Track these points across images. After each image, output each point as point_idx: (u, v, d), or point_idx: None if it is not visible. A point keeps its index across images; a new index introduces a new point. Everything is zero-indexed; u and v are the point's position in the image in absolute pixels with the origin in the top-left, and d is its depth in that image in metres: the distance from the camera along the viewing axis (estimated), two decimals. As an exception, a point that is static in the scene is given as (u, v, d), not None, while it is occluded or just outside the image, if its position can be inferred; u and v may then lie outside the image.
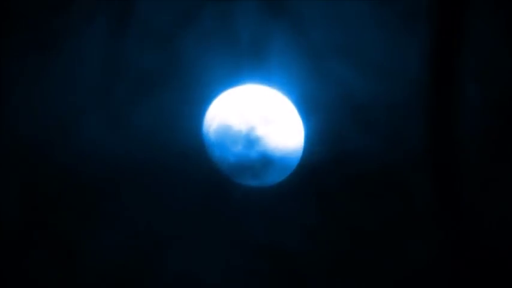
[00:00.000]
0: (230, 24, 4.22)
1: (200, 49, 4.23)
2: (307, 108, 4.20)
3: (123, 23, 4.24)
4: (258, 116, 4.09)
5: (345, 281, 4.24)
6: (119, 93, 4.23)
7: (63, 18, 4.25)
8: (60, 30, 4.25)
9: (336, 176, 4.23)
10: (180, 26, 4.24)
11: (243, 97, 4.14)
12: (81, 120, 4.24)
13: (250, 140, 4.06)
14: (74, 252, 4.20)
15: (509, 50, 4.19)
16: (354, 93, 4.23)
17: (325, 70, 4.22)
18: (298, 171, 4.20)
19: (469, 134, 4.23)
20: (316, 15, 4.22)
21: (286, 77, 4.20)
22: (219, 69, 4.21)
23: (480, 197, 4.20)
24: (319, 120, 4.21)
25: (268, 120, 4.10)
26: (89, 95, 4.25)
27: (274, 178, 4.16)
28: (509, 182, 4.20)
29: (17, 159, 4.21)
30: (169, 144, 4.20)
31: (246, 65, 4.21)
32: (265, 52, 4.20)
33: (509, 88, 4.20)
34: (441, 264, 4.21)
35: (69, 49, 4.25)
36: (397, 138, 4.24)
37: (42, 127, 4.23)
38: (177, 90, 4.22)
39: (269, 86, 4.18)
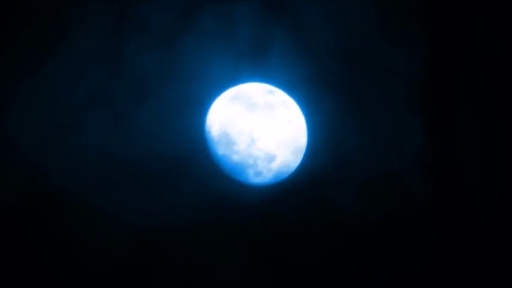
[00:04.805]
0: (230, 24, 4.23)
1: (200, 49, 4.23)
2: (308, 107, 4.21)
3: (123, 24, 4.24)
4: (260, 115, 4.09)
5: (345, 281, 4.23)
6: (119, 93, 4.22)
7: (63, 18, 4.24)
8: (60, 31, 4.24)
9: (336, 175, 4.23)
10: (180, 26, 4.24)
11: (244, 96, 4.14)
12: (82, 120, 4.22)
13: (252, 139, 4.06)
14: (75, 252, 4.16)
15: (509, 48, 4.23)
16: (354, 92, 4.24)
17: (325, 69, 4.24)
18: (300, 170, 4.20)
19: (469, 134, 4.25)
20: (316, 15, 4.24)
21: (287, 76, 4.21)
22: (220, 69, 4.22)
23: (479, 196, 4.22)
24: (320, 119, 4.22)
25: (270, 119, 4.10)
26: (89, 95, 4.23)
27: (276, 177, 4.15)
28: (509, 181, 4.22)
29: (17, 158, 4.18)
30: (171, 144, 4.19)
31: (246, 64, 4.22)
32: (266, 51, 4.21)
33: (509, 87, 4.23)
34: (441, 264, 4.21)
35: (69, 49, 4.24)
36: (397, 138, 4.26)
37: (43, 127, 4.21)
38: (178, 89, 4.22)
39: (270, 84, 4.19)
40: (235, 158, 4.09)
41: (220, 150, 4.11)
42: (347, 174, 4.23)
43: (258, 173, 4.11)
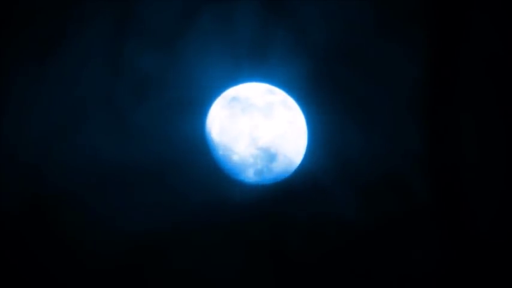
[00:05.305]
0: (230, 24, 4.23)
1: (200, 49, 4.23)
2: (308, 106, 4.21)
3: (123, 24, 4.24)
4: (260, 115, 4.09)
5: (345, 281, 4.22)
6: (119, 94, 4.22)
7: (63, 18, 4.24)
8: (60, 31, 4.24)
9: (336, 175, 4.23)
10: (180, 26, 4.24)
11: (244, 96, 4.14)
12: (82, 121, 4.22)
13: (252, 139, 4.06)
14: (74, 254, 4.16)
15: (510, 48, 4.23)
16: (354, 92, 4.25)
17: (325, 69, 4.24)
18: (300, 169, 4.20)
19: (469, 134, 4.25)
20: (316, 16, 4.25)
21: (287, 75, 4.21)
22: (219, 69, 4.22)
23: (479, 196, 4.22)
24: (320, 118, 4.23)
25: (270, 119, 4.10)
26: (89, 96, 4.23)
27: (276, 177, 4.15)
28: (509, 181, 4.22)
29: (17, 160, 4.18)
30: (171, 144, 4.18)
31: (245, 64, 4.22)
32: (266, 51, 4.21)
33: (509, 87, 4.23)
34: (441, 264, 4.20)
35: (69, 49, 4.24)
36: (397, 138, 4.26)
37: (42, 128, 4.21)
38: (178, 89, 4.22)
39: (270, 84, 4.19)
40: (235, 158, 4.09)
41: (220, 150, 4.11)
42: (347, 173, 4.23)
43: (258, 173, 4.11)
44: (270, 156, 4.09)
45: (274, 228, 4.22)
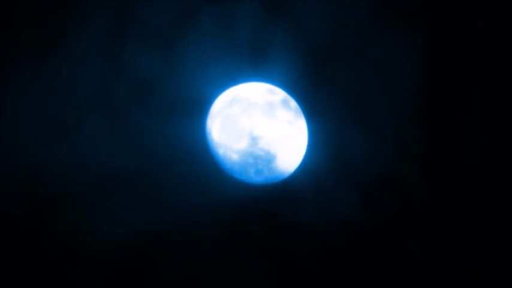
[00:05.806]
0: (230, 24, 4.24)
1: (200, 49, 4.24)
2: (308, 106, 4.21)
3: (123, 24, 4.25)
4: (260, 114, 4.09)
5: (344, 281, 4.22)
6: (119, 94, 4.22)
7: (62, 19, 4.24)
8: (59, 32, 4.24)
9: (336, 175, 4.23)
10: (180, 26, 4.24)
11: (244, 96, 4.14)
12: (81, 122, 4.21)
13: (253, 138, 4.06)
14: (74, 251, 4.16)
15: (509, 48, 4.24)
16: (354, 92, 4.25)
17: (326, 69, 4.24)
18: (300, 169, 4.20)
19: (469, 134, 4.25)
20: (316, 15, 4.25)
21: (287, 75, 4.21)
22: (220, 69, 4.22)
23: (479, 196, 4.22)
24: (320, 118, 4.23)
25: (270, 118, 4.10)
26: (88, 97, 4.23)
27: (276, 176, 4.15)
28: (509, 181, 4.23)
29: (17, 160, 4.18)
30: (171, 144, 4.19)
31: (246, 64, 4.22)
32: (266, 51, 4.22)
33: (509, 87, 4.24)
34: (441, 264, 4.21)
35: (68, 50, 4.24)
36: (397, 139, 4.26)
37: (42, 128, 4.21)
38: (179, 90, 4.22)
39: (270, 84, 4.19)
40: (235, 157, 4.09)
41: (220, 149, 4.11)
42: (347, 173, 4.23)
43: (258, 173, 4.11)
44: (270, 156, 4.09)
45: (274, 228, 4.22)
